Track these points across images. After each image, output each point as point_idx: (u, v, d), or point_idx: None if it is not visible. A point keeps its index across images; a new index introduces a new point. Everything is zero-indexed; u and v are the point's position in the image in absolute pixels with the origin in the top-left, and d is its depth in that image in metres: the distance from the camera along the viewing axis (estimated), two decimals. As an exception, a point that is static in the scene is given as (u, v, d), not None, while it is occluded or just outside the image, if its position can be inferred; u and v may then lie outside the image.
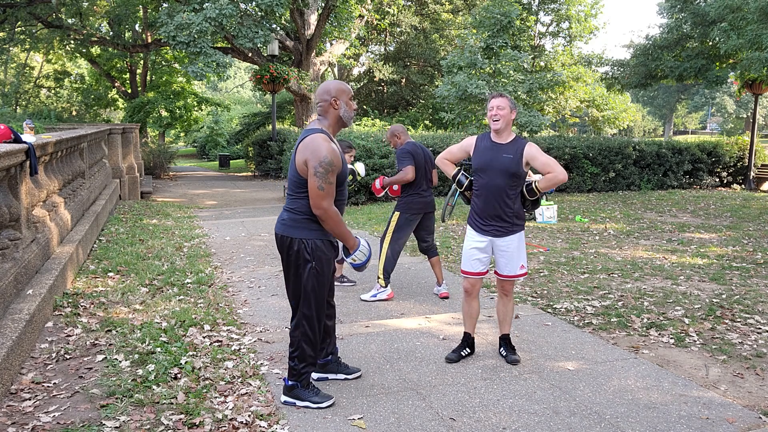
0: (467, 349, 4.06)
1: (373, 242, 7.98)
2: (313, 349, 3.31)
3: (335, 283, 5.03)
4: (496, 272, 3.94)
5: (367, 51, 30.31)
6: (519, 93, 13.15)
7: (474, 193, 3.86)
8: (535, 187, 3.72)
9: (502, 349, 4.00)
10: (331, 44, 23.08)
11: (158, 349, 3.96)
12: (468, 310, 4.04)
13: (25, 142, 5.00)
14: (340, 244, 3.37)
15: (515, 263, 3.83)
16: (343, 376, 3.63)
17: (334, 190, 3.13)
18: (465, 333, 4.08)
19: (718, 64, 15.80)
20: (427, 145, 13.16)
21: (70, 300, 4.94)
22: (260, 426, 3.06)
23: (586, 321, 4.83)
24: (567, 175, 3.65)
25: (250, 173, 21.77)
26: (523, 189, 3.77)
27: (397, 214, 5.37)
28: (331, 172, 3.07)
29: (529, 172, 3.84)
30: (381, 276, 5.39)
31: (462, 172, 4.01)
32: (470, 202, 3.95)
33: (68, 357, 3.89)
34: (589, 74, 19.67)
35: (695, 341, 4.37)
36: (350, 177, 5.28)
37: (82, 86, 35.05)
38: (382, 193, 5.61)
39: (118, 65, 31.21)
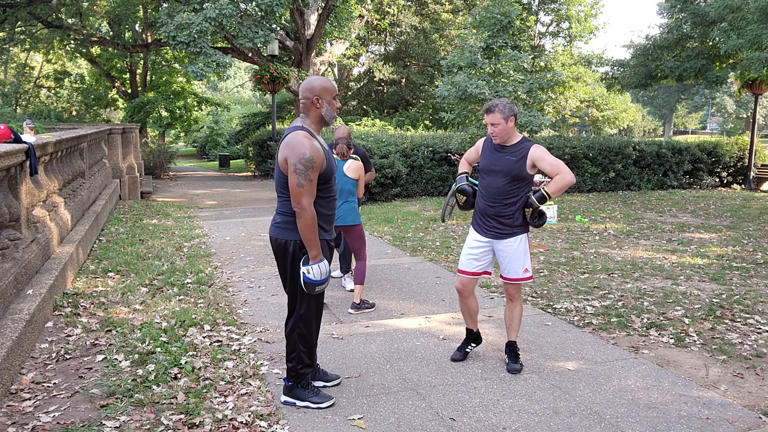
0: (472, 344, 4.04)
1: (372, 242, 7.98)
2: (309, 350, 3.31)
3: (351, 311, 5.08)
4: (501, 276, 3.92)
5: (367, 51, 30.30)
6: (519, 93, 13.12)
7: (478, 193, 3.85)
8: (545, 191, 3.59)
9: (506, 355, 3.94)
10: (331, 44, 23.07)
11: (158, 349, 3.96)
12: (465, 309, 4.02)
13: (25, 142, 5.00)
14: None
15: (518, 266, 3.75)
16: (322, 384, 3.54)
17: (315, 187, 3.08)
18: (467, 329, 4.06)
19: (718, 64, 15.79)
20: (428, 145, 13.19)
21: (70, 300, 4.94)
22: (260, 426, 3.07)
23: (586, 321, 4.83)
24: (574, 177, 3.58)
25: (250, 173, 21.76)
26: (532, 197, 3.64)
27: None
28: (311, 170, 3.02)
29: (536, 178, 3.82)
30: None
31: (466, 178, 3.99)
32: (463, 207, 3.95)
33: (68, 357, 3.89)
34: (589, 74, 19.66)
35: (695, 341, 4.37)
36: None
37: (82, 86, 35.05)
38: None
39: (118, 65, 31.21)
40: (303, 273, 3.11)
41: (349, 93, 30.94)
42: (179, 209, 11.99)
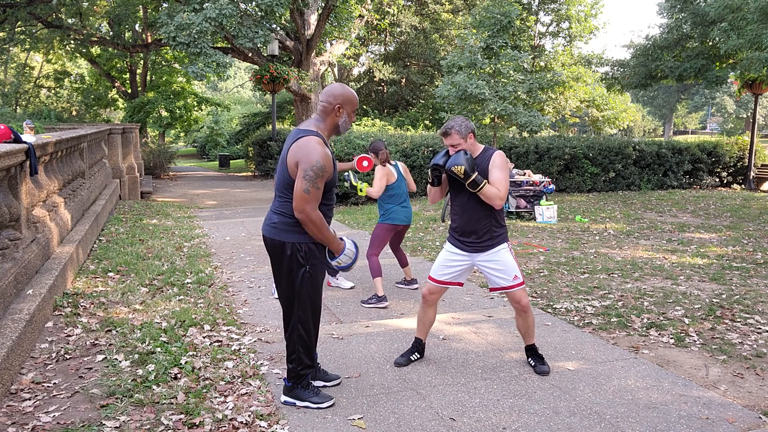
0: (416, 353, 3.97)
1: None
2: (309, 352, 3.31)
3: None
4: (490, 288, 3.86)
5: (367, 51, 30.28)
6: (519, 93, 13.12)
7: (452, 212, 3.78)
8: (484, 181, 3.45)
9: (530, 359, 3.89)
10: (331, 44, 23.05)
11: (158, 349, 3.96)
12: (422, 317, 3.93)
13: (25, 142, 5.00)
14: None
15: (507, 274, 3.66)
16: (322, 384, 3.54)
17: (321, 195, 3.08)
18: (416, 338, 3.99)
19: (718, 64, 15.80)
20: (428, 145, 13.18)
21: (70, 300, 4.94)
22: (260, 426, 3.07)
23: (586, 321, 4.83)
24: (501, 205, 3.56)
25: (250, 173, 21.77)
26: (467, 176, 3.43)
27: None
28: (321, 178, 3.02)
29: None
30: None
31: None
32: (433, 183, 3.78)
33: (68, 357, 3.89)
34: (589, 74, 19.66)
35: (695, 341, 4.37)
36: (357, 185, 5.43)
37: (82, 86, 35.02)
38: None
39: (118, 65, 31.19)
40: (335, 266, 3.26)
41: (349, 93, 30.88)
42: (179, 209, 11.98)
